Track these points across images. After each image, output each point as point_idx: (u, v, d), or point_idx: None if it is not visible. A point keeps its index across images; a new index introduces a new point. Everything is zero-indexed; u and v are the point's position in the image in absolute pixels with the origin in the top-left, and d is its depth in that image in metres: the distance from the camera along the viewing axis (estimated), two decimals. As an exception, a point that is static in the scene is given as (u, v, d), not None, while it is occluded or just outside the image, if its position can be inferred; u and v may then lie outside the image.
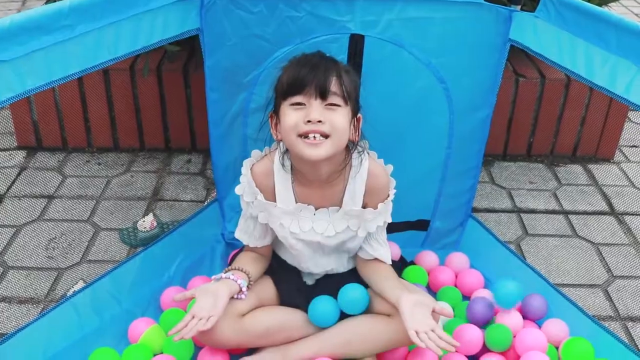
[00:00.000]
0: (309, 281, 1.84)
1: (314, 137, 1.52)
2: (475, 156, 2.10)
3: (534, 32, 1.77)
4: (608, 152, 2.81)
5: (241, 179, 1.73)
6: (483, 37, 1.88)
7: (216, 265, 2.07)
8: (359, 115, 1.64)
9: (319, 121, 1.52)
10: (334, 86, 1.53)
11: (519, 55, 2.62)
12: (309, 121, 1.52)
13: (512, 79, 2.62)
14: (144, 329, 1.75)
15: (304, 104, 1.53)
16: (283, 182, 1.69)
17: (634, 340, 1.92)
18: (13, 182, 2.51)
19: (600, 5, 2.61)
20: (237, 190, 1.74)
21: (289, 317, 1.73)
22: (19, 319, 1.89)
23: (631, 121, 3.07)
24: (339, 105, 1.54)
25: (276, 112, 1.62)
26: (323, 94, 1.52)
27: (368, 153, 1.70)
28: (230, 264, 1.87)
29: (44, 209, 2.37)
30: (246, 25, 1.85)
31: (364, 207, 1.69)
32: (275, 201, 1.70)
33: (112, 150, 2.74)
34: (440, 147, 2.05)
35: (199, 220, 2.17)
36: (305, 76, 1.52)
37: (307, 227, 1.70)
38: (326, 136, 1.53)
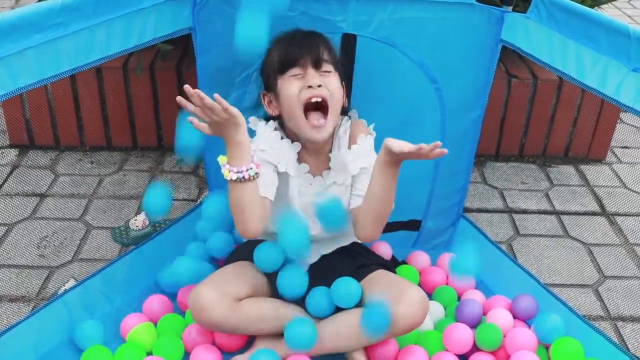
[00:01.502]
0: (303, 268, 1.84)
1: (317, 120, 1.65)
2: (467, 156, 2.10)
3: (526, 33, 1.78)
4: (600, 153, 2.82)
5: (259, 129, 1.77)
6: (475, 38, 1.88)
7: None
8: (343, 82, 1.76)
9: (319, 85, 1.65)
10: (325, 55, 1.69)
11: (511, 56, 2.63)
12: (309, 87, 1.65)
13: (505, 80, 2.63)
14: (135, 324, 1.75)
15: (301, 74, 1.67)
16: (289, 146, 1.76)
17: (624, 340, 1.93)
18: (5, 181, 2.51)
19: (592, 7, 2.62)
20: (252, 146, 1.64)
21: (284, 308, 1.74)
22: (9, 317, 1.89)
23: (623, 122, 3.08)
24: (330, 72, 1.69)
25: (270, 89, 1.73)
26: (317, 63, 1.67)
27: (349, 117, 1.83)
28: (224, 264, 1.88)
29: (35, 207, 2.37)
30: (239, 24, 1.85)
31: None
32: None
33: (104, 148, 2.73)
34: (433, 145, 2.05)
35: (191, 219, 2.17)
36: (299, 50, 1.67)
37: (305, 192, 1.77)
38: (326, 105, 1.66)
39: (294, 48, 1.68)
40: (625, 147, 2.93)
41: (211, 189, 2.21)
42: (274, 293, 1.78)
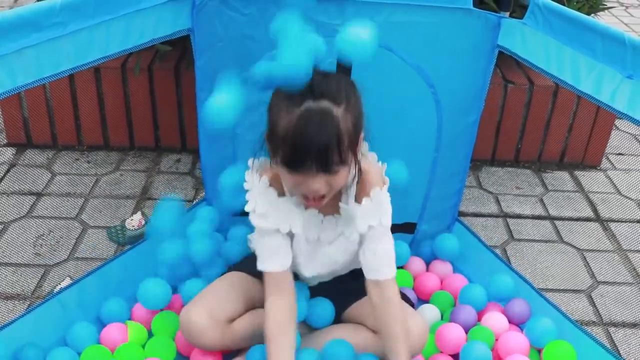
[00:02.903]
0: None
1: (313, 198, 1.48)
2: (462, 160, 2.12)
3: (522, 39, 1.79)
4: (595, 159, 2.83)
5: (249, 194, 1.61)
6: (472, 43, 1.89)
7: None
8: (361, 136, 1.51)
9: (319, 192, 1.45)
10: (334, 156, 1.39)
11: (508, 62, 2.65)
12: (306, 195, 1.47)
13: (501, 85, 2.64)
14: (116, 336, 1.75)
15: (303, 176, 1.43)
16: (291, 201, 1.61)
17: (615, 345, 1.95)
18: (2, 179, 2.51)
19: (589, 14, 2.64)
20: (250, 207, 1.60)
21: None
22: (5, 314, 1.89)
23: (618, 129, 3.10)
24: (338, 171, 1.43)
25: (273, 152, 1.47)
26: (324, 169, 1.41)
27: (362, 154, 1.60)
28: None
29: (32, 205, 2.37)
30: (237, 26, 1.86)
31: None
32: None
33: (102, 148, 2.74)
34: (428, 151, 2.06)
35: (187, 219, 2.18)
36: (304, 155, 1.38)
37: (315, 236, 1.65)
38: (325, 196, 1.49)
39: (299, 146, 1.37)
40: (620, 154, 2.95)
41: (207, 190, 2.22)
42: None
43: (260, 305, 1.68)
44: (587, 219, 2.51)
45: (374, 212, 1.58)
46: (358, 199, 1.59)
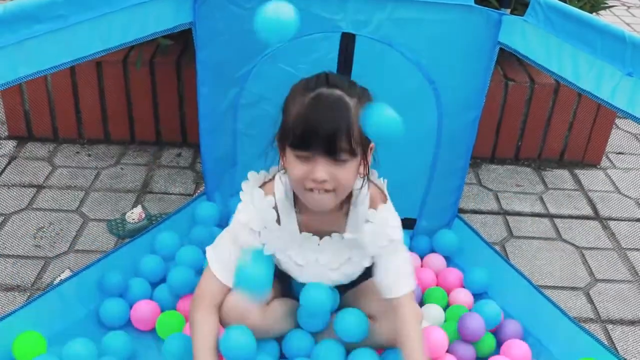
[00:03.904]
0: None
1: (319, 192, 1.47)
2: (463, 157, 2.12)
3: (523, 36, 1.79)
4: (595, 157, 2.84)
5: (245, 204, 1.61)
6: (473, 40, 1.90)
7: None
8: (371, 145, 1.54)
9: (325, 180, 1.44)
10: (342, 142, 1.41)
11: (509, 59, 2.65)
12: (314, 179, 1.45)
13: (502, 83, 2.65)
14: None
15: (310, 158, 1.44)
16: (287, 211, 1.62)
17: (613, 342, 1.95)
18: (2, 171, 2.52)
19: (591, 12, 2.64)
20: (242, 218, 1.60)
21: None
22: (4, 306, 1.90)
23: (618, 128, 3.10)
24: (345, 160, 1.45)
25: (282, 143, 1.50)
26: (331, 153, 1.42)
27: (369, 178, 1.61)
28: None
29: (32, 198, 2.38)
30: (239, 20, 1.86)
31: None
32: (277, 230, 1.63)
33: (102, 142, 2.74)
34: (429, 147, 2.07)
35: (187, 213, 2.18)
36: (311, 133, 1.40)
37: (312, 259, 1.66)
38: (330, 191, 1.48)
39: (309, 129, 1.41)
40: (620, 153, 2.95)
41: (207, 184, 2.22)
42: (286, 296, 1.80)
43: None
44: (587, 217, 2.51)
45: (380, 233, 1.58)
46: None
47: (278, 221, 1.61)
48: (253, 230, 1.60)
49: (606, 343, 1.89)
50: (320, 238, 1.64)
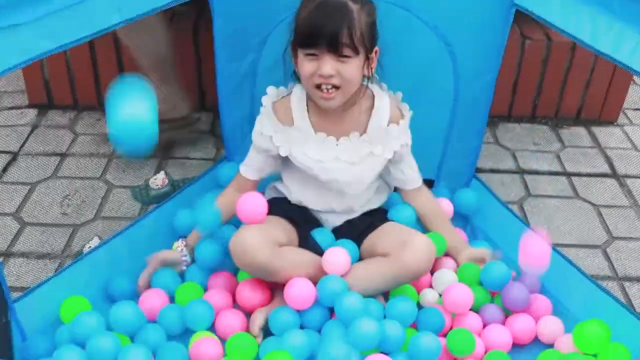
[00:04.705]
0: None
1: (327, 89, 1.67)
2: (480, 119, 2.14)
3: (540, -3, 1.79)
4: (612, 114, 2.83)
5: (262, 111, 1.83)
6: (488, 2, 1.90)
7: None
8: (375, 49, 1.73)
9: (331, 75, 1.64)
10: (345, 38, 1.61)
11: (526, 17, 2.61)
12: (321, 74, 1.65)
13: (519, 41, 2.64)
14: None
15: (317, 55, 1.64)
16: (300, 114, 1.80)
17: (630, 299, 1.99)
18: (26, 140, 2.56)
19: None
20: (257, 127, 1.84)
21: (314, 258, 1.79)
22: (36, 273, 1.96)
23: (636, 84, 3.07)
24: (350, 56, 1.64)
25: (294, 49, 1.72)
26: (334, 49, 1.62)
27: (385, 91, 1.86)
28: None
29: (57, 166, 2.43)
30: (255, -13, 1.87)
31: None
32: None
33: (123, 108, 2.76)
34: (446, 109, 2.09)
35: (209, 178, 2.22)
36: (317, 31, 1.61)
37: (331, 156, 1.79)
38: (337, 87, 1.67)
39: (314, 27, 1.62)
40: (638, 109, 2.93)
41: (227, 149, 2.26)
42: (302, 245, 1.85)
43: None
44: (604, 175, 2.53)
45: (405, 133, 1.86)
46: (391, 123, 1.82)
47: (291, 122, 1.79)
48: (264, 135, 1.81)
49: (623, 300, 1.92)
50: (338, 139, 1.80)
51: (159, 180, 2.27)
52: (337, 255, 1.75)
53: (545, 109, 2.81)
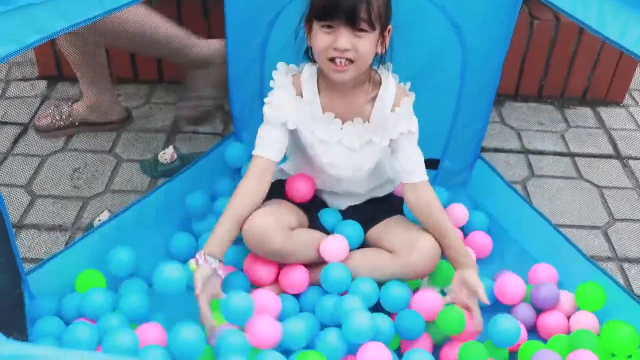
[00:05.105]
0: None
1: (340, 62, 1.65)
2: (486, 99, 2.15)
3: (548, -18, 1.80)
4: (618, 95, 2.84)
5: (276, 82, 1.81)
6: (498, -16, 1.91)
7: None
8: (388, 27, 1.72)
9: (346, 49, 1.63)
10: (362, 13, 1.60)
11: (534, -3, 2.64)
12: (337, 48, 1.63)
13: (527, 21, 2.64)
14: None
15: (333, 29, 1.63)
16: (310, 89, 1.79)
17: (628, 280, 2.03)
18: (36, 112, 2.59)
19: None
20: (267, 99, 1.80)
21: (324, 237, 1.83)
22: (48, 245, 2.01)
23: (643, 65, 3.08)
24: (366, 31, 1.63)
25: (310, 20, 1.70)
26: (352, 23, 1.61)
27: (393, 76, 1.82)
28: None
29: (67, 139, 2.45)
30: (266, -34, 1.88)
31: None
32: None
33: (131, 81, 2.79)
34: (454, 90, 2.10)
35: (218, 153, 2.25)
36: (336, 3, 1.59)
37: (335, 138, 1.81)
38: (351, 61, 1.66)
39: (332, 1, 1.60)
40: (644, 91, 2.95)
41: (236, 124, 2.28)
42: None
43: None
44: (607, 156, 2.55)
45: (405, 119, 1.78)
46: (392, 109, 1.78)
47: (301, 95, 1.79)
48: (274, 105, 1.78)
49: (621, 282, 1.96)
50: (343, 123, 1.80)
51: (167, 155, 2.29)
52: (334, 243, 1.81)
53: (552, 89, 2.82)
